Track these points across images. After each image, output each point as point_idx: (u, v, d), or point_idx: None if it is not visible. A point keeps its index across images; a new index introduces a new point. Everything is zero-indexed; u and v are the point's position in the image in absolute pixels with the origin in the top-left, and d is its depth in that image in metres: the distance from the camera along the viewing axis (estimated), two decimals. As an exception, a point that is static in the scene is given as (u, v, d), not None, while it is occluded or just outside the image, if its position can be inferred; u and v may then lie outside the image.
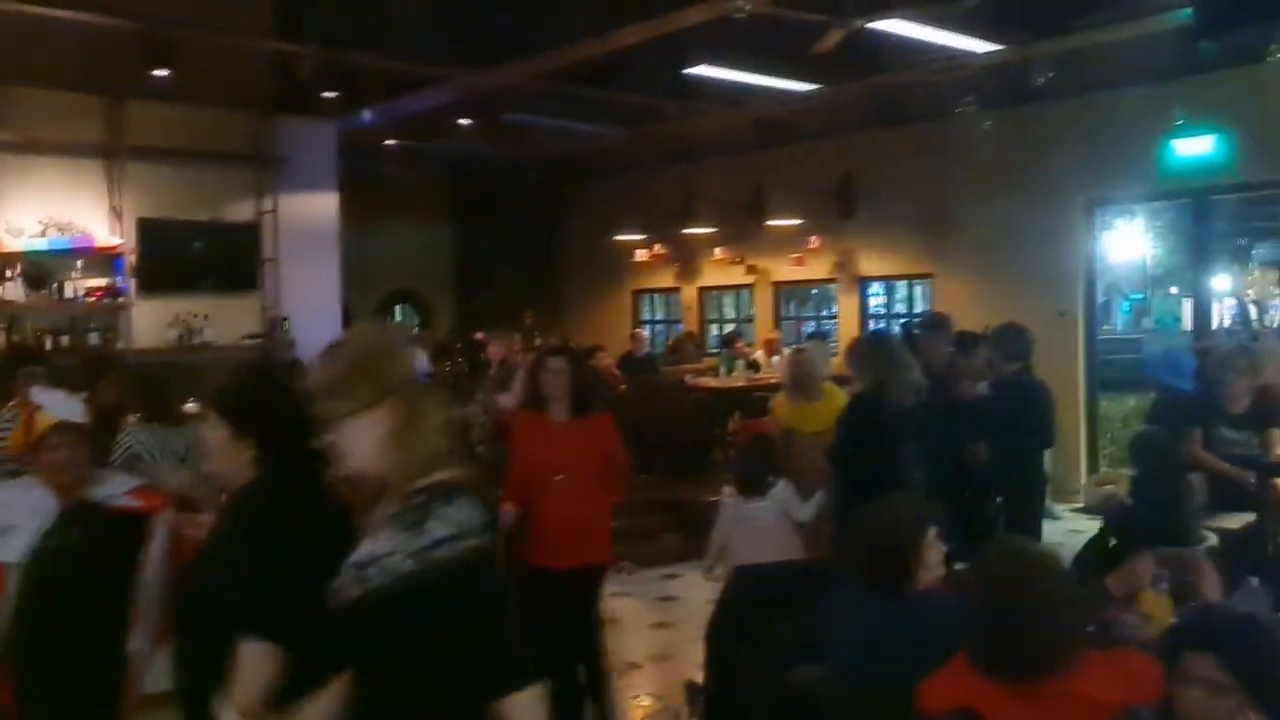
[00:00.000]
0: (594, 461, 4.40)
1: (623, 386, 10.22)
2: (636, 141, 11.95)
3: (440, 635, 1.83)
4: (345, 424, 1.95)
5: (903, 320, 11.82)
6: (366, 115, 10.16)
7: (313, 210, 10.01)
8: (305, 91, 9.16)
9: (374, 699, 1.88)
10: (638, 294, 14.45)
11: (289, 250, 9.75)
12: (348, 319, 10.21)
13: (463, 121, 10.34)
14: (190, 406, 6.28)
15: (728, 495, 4.83)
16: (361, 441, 1.94)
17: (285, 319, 9.63)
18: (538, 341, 9.80)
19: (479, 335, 9.78)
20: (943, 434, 5.06)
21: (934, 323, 6.15)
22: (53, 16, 7.41)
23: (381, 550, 1.87)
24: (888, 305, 12.47)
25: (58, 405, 3.18)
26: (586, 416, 4.47)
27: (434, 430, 1.97)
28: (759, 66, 8.60)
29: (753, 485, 4.72)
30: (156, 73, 7.91)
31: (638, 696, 5.31)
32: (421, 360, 9.91)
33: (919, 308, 11.76)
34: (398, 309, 14.48)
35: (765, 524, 4.62)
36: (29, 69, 8.12)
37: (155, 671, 2.89)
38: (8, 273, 8.27)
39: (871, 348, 5.10)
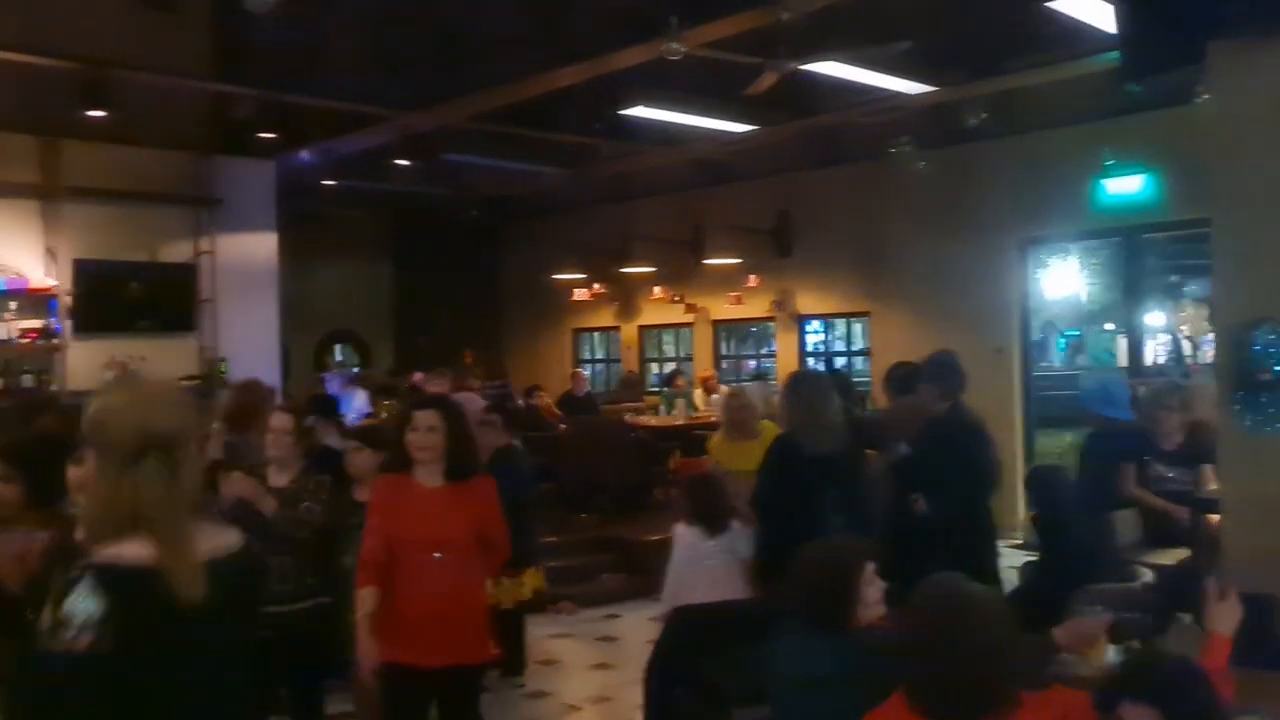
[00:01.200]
0: (473, 537, 3.70)
1: (563, 425, 10.24)
2: (575, 181, 12.05)
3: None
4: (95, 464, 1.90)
5: (836, 357, 12.00)
6: (304, 155, 10.13)
7: (251, 250, 9.92)
8: (243, 132, 9.12)
9: None
10: (577, 333, 14.50)
11: (227, 290, 9.65)
12: (286, 359, 10.09)
13: (400, 162, 10.35)
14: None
15: (683, 533, 4.76)
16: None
17: (223, 360, 9.51)
18: (475, 382, 9.80)
19: (416, 376, 9.72)
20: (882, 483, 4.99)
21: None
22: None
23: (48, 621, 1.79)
24: (826, 343, 12.64)
25: None
26: (464, 481, 3.74)
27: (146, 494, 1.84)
28: (695, 107, 8.73)
29: (715, 523, 4.69)
30: (93, 113, 7.82)
31: None
32: (361, 400, 9.86)
33: (857, 345, 11.95)
34: (337, 348, 14.37)
35: (722, 563, 4.61)
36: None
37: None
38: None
39: (789, 390, 5.01)
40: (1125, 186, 9.01)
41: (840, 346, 12.48)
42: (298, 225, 10.76)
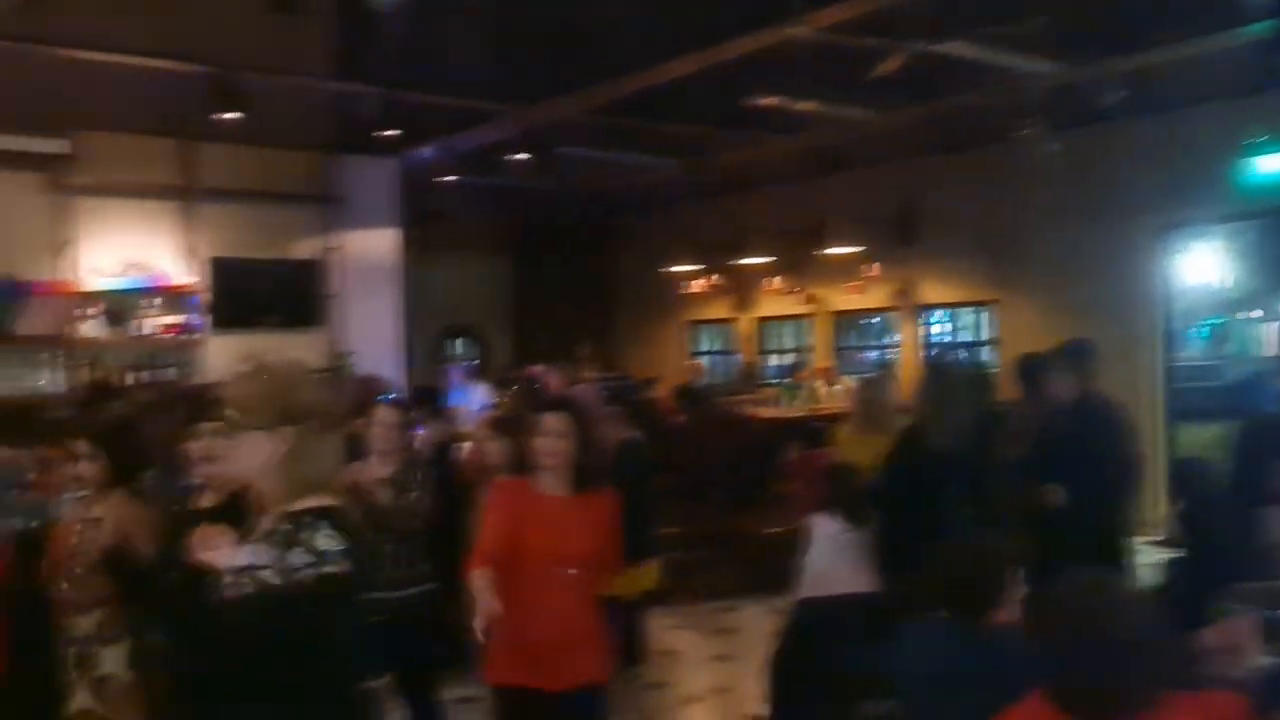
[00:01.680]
0: (599, 552, 3.48)
1: (679, 418, 10.20)
2: (691, 172, 11.97)
3: (295, 642, 2.11)
4: (244, 437, 2.21)
5: (960, 348, 11.65)
6: (425, 152, 10.31)
7: (374, 247, 10.18)
8: (366, 130, 9.33)
9: (239, 694, 2.16)
10: (693, 325, 14.43)
11: (352, 286, 9.92)
12: (410, 354, 10.33)
13: (517, 157, 10.46)
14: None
15: (823, 523, 4.68)
16: (253, 456, 2.20)
17: (350, 353, 9.77)
18: (592, 375, 9.83)
19: (534, 369, 9.82)
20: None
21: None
22: (127, 64, 7.63)
23: (257, 562, 2.14)
24: (950, 333, 12.29)
25: None
26: (591, 492, 3.50)
27: (319, 461, 2.23)
28: (816, 94, 8.57)
29: (857, 513, 4.62)
30: (226, 116, 8.11)
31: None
32: (482, 393, 10.00)
33: (983, 336, 11.58)
34: (458, 342, 14.62)
35: (861, 554, 4.53)
36: (107, 115, 8.40)
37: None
38: (89, 311, 8.53)
39: (922, 381, 4.90)
40: (1274, 165, 8.50)
41: (964, 337, 12.12)
42: (419, 221, 10.97)
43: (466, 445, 6.32)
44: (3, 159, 8.18)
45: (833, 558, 4.55)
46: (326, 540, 2.14)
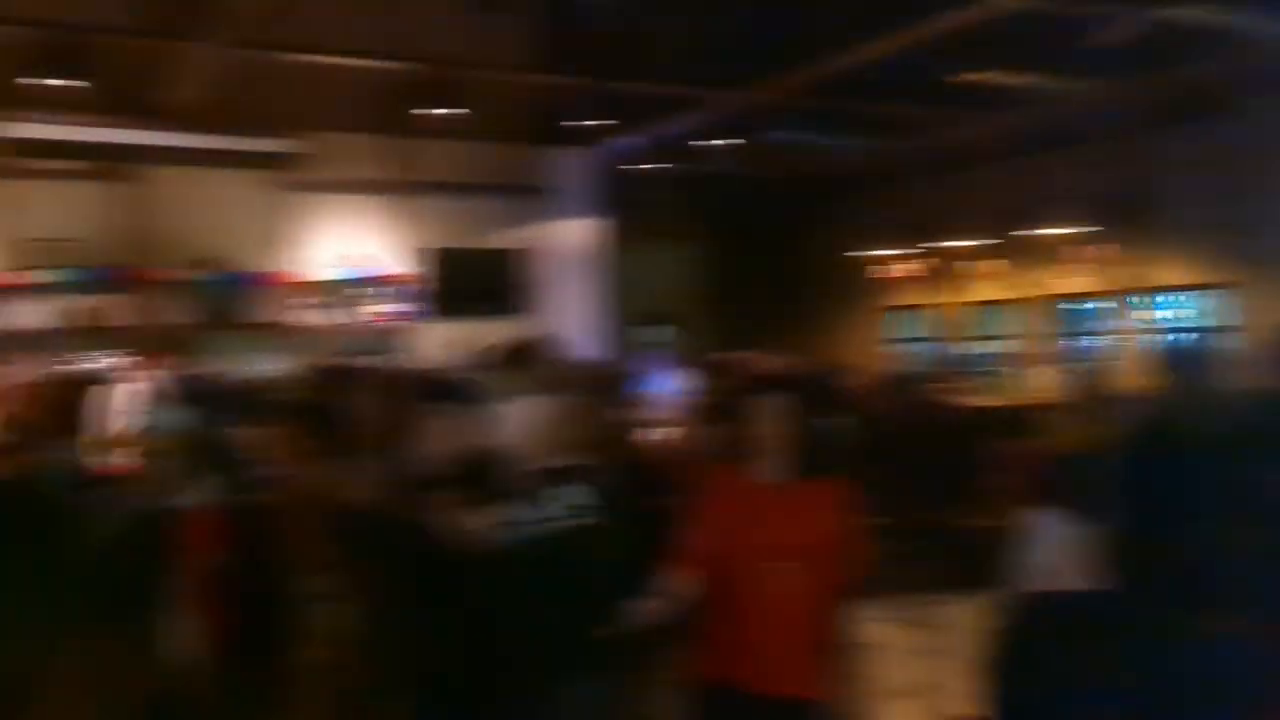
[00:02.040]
0: (825, 546, 3.16)
1: (879, 406, 9.90)
2: (896, 152, 11.61)
3: (550, 583, 2.47)
4: (512, 401, 2.66)
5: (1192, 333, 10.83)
6: (627, 141, 10.42)
7: (577, 236, 10.39)
8: (567, 121, 9.51)
9: (494, 629, 2.59)
10: (892, 310, 14.02)
11: (556, 275, 10.16)
12: (609, 340, 10.48)
13: (718, 142, 10.42)
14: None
15: (1048, 518, 4.44)
16: (518, 419, 2.60)
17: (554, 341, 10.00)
18: (786, 362, 9.67)
19: (738, 355, 9.76)
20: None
21: None
22: (348, 65, 8.06)
23: (517, 514, 2.54)
24: (1182, 318, 11.44)
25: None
26: (814, 480, 3.21)
27: (575, 426, 2.62)
28: (1031, 67, 8.13)
29: (1086, 506, 4.36)
30: (438, 112, 8.43)
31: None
32: (680, 379, 10.02)
33: (1220, 320, 10.72)
34: (655, 329, 14.71)
35: (1087, 549, 4.28)
36: (330, 116, 8.89)
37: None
38: (312, 300, 9.07)
39: (1164, 366, 4.60)
40: None
41: (1198, 322, 11.25)
42: (619, 210, 11.10)
43: (663, 432, 6.33)
44: (236, 159, 8.80)
45: (1057, 552, 4.29)
46: (579, 495, 2.56)
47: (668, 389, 9.16)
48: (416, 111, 8.49)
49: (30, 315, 8.08)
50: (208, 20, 6.82)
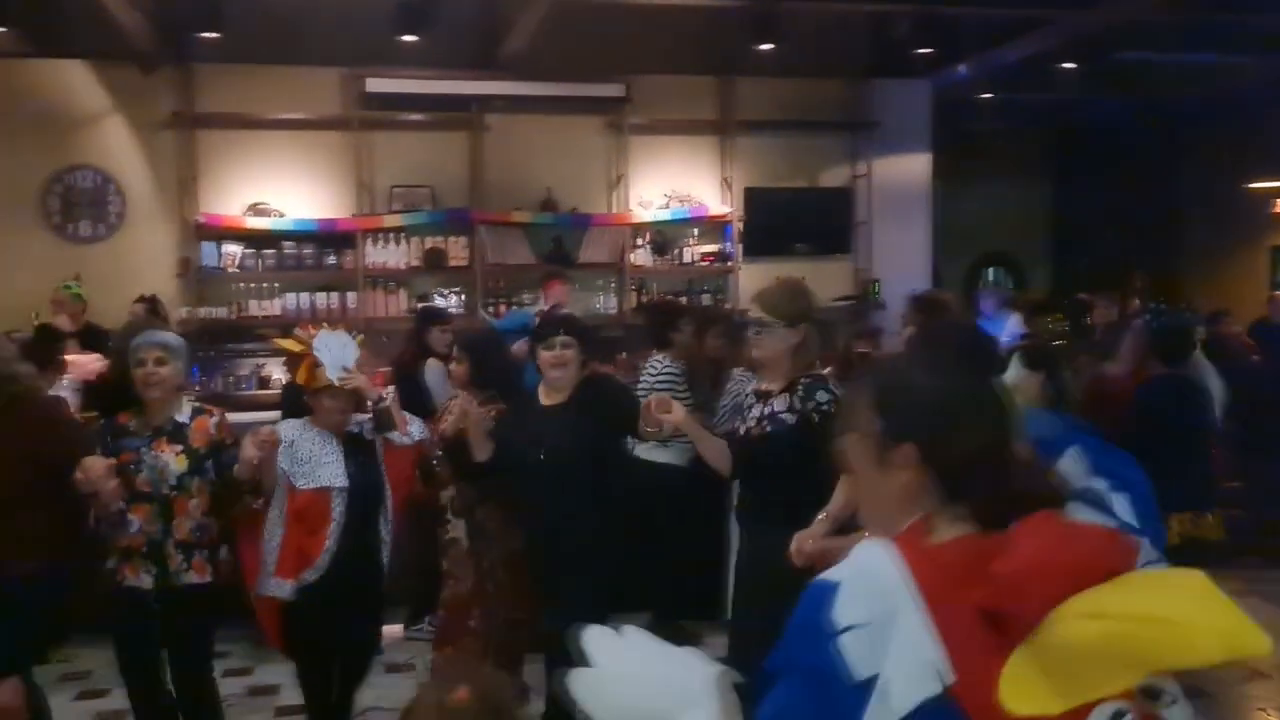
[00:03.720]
0: None
1: (1256, 357, 8.81)
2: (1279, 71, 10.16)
3: (803, 462, 3.25)
4: (772, 330, 3.47)
5: None
6: (961, 70, 9.81)
7: (905, 172, 9.96)
8: (899, 51, 9.07)
9: (763, 503, 3.59)
10: (1278, 251, 12.36)
11: (881, 213, 9.83)
12: (938, 281, 10.02)
13: (1065, 66, 9.56)
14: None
15: None
16: (778, 344, 3.48)
17: (876, 282, 9.70)
18: (1142, 306, 8.80)
19: (1083, 296, 9.01)
20: None
21: None
22: (675, 5, 8.10)
23: (778, 410, 3.46)
24: None
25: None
26: None
27: (815, 348, 3.54)
28: None
29: None
30: (763, 47, 8.30)
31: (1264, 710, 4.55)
32: (1014, 322, 9.40)
33: None
34: (990, 271, 13.92)
35: None
36: (656, 58, 9.02)
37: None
38: (638, 241, 9.31)
39: None
40: None
41: None
42: (951, 144, 10.52)
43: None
44: (569, 104, 9.13)
45: None
46: (823, 395, 3.41)
47: (1002, 333, 8.63)
48: (744, 49, 8.40)
49: (387, 255, 8.86)
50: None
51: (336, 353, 3.90)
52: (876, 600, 1.39)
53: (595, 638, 1.57)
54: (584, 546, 3.94)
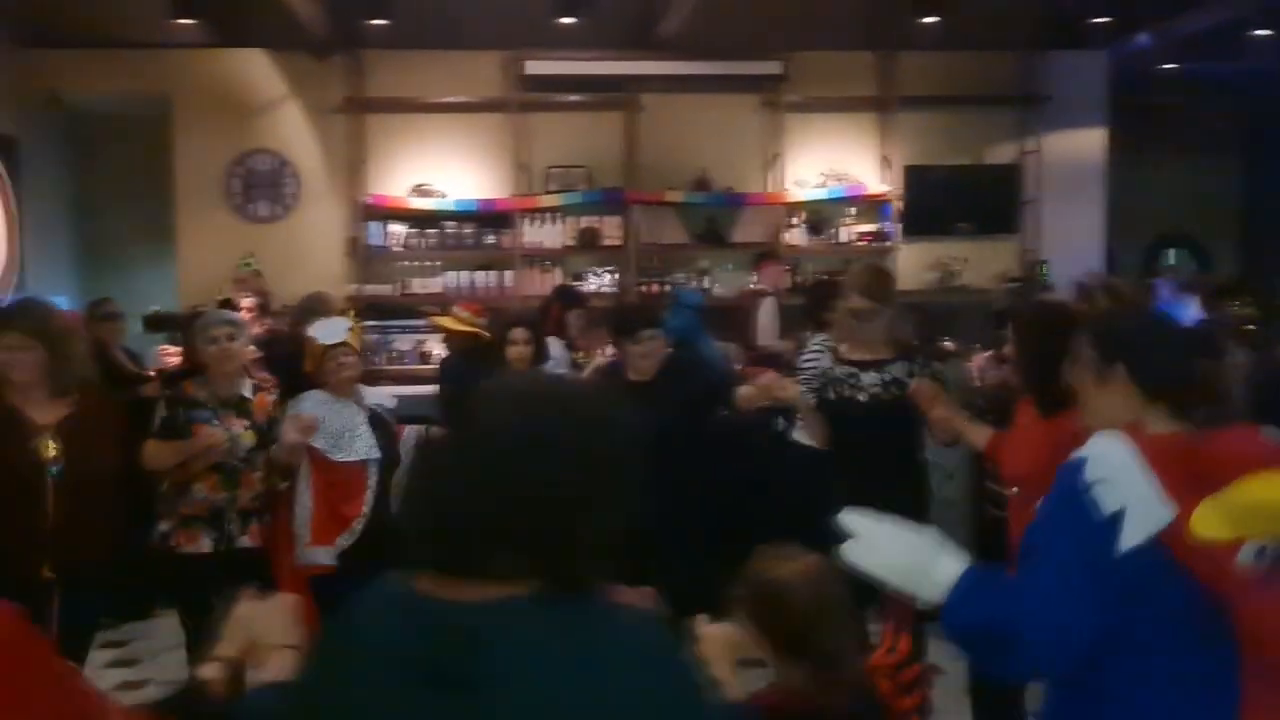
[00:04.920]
0: None
1: None
2: None
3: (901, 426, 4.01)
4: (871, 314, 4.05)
5: None
6: (1142, 39, 9.27)
7: (1077, 148, 9.50)
8: (1073, 22, 8.64)
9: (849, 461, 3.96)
10: None
11: (1050, 190, 9.40)
12: (1111, 264, 9.53)
13: (1259, 34, 8.90)
14: (948, 344, 6.54)
15: None
16: (882, 328, 4.11)
17: (1044, 262, 9.30)
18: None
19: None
20: None
21: None
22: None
23: (898, 375, 3.97)
24: None
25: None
26: None
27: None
28: None
29: None
30: (926, 20, 8.04)
31: None
32: (1195, 308, 8.85)
33: None
34: (1170, 253, 13.13)
35: None
36: (814, 35, 8.86)
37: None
38: (793, 220, 9.18)
39: None
40: None
41: None
42: (1128, 118, 9.96)
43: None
44: (725, 83, 9.06)
45: None
46: (935, 365, 4.10)
47: (1182, 318, 8.13)
48: (906, 23, 8.16)
49: (543, 234, 9.00)
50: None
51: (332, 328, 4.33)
52: (1114, 465, 1.94)
53: (851, 520, 2.01)
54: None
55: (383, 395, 4.59)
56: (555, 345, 5.96)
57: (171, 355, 6.29)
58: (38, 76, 8.65)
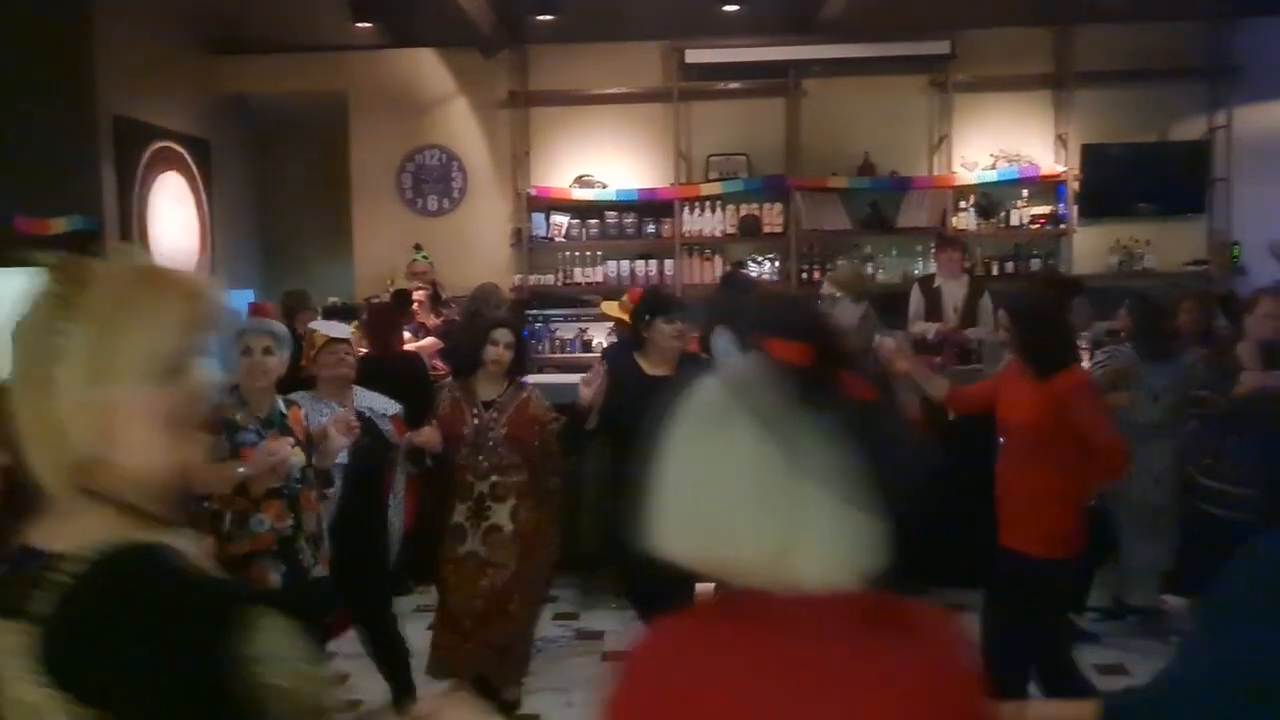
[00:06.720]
0: None
1: None
2: None
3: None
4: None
5: None
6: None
7: (1272, 122, 8.85)
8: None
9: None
10: None
11: (1243, 168, 8.79)
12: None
13: None
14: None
15: None
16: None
17: (1236, 244, 8.73)
18: None
19: None
20: None
21: None
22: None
23: None
24: None
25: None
26: None
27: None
28: None
29: None
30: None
31: None
32: None
33: None
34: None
35: None
36: (985, 13, 8.56)
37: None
38: (961, 203, 8.88)
39: None
40: None
41: None
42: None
43: None
44: (890, 64, 8.82)
45: None
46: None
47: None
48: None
49: (704, 223, 8.98)
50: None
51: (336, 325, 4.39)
52: None
53: None
54: None
55: (382, 401, 4.39)
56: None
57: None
58: (227, 81, 9.16)
